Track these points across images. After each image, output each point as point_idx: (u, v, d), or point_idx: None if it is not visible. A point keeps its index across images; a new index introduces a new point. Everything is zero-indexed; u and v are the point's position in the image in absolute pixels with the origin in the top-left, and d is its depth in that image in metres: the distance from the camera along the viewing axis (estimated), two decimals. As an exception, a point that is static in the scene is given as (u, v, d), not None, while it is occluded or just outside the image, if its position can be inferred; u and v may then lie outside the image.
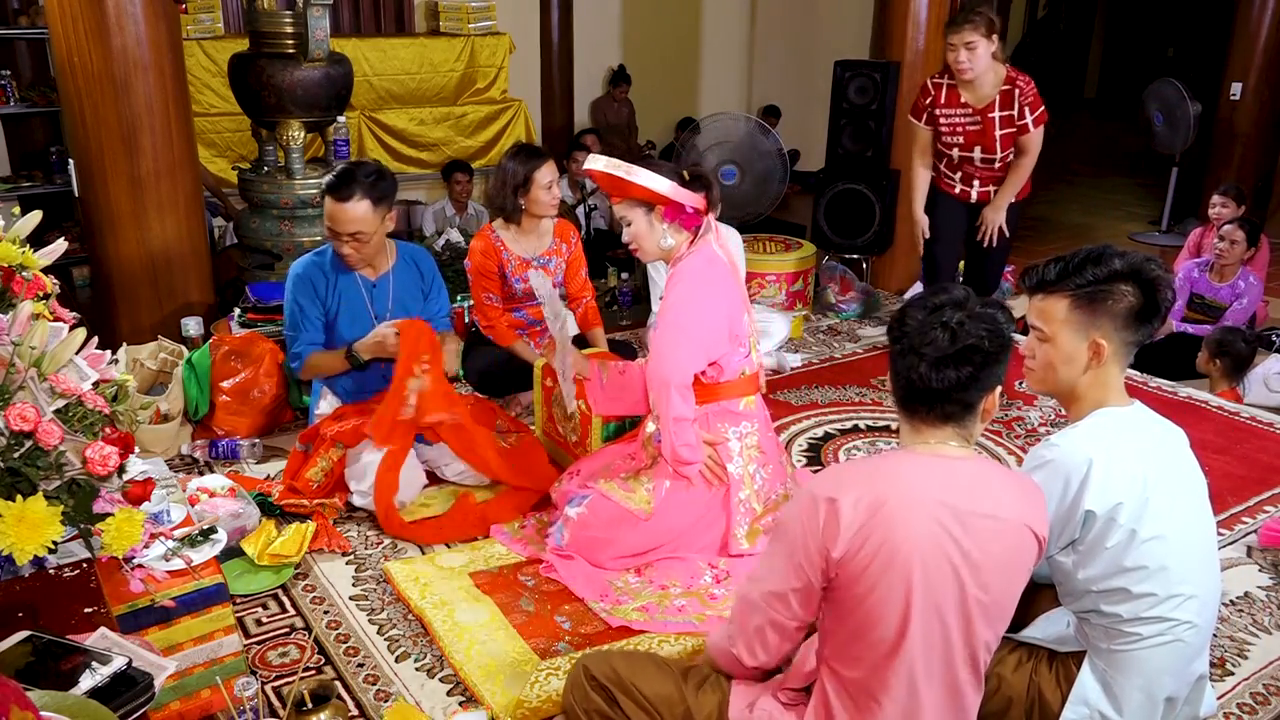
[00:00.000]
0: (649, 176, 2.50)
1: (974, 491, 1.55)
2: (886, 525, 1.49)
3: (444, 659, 2.23)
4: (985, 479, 1.59)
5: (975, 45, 3.56)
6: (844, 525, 1.50)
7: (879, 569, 1.50)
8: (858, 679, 1.56)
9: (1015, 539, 1.57)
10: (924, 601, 1.51)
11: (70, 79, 3.53)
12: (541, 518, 2.80)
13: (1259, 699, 2.21)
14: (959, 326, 1.53)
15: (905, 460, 1.60)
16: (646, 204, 2.56)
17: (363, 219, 2.82)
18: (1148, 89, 7.20)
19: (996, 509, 1.55)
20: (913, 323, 1.57)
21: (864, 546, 1.49)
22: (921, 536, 1.49)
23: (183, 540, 1.99)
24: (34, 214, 2.00)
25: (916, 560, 1.49)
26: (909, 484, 1.54)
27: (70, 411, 1.72)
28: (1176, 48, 12.30)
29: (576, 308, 3.64)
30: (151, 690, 1.47)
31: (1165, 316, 1.86)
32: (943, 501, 1.52)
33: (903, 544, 1.49)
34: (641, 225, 2.59)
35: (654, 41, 8.23)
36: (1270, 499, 3.12)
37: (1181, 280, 4.73)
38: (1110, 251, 1.83)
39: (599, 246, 5.84)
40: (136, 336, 3.67)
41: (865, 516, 1.50)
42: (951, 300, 1.57)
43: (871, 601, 1.51)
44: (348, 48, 5.54)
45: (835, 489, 1.53)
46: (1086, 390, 1.87)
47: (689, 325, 2.51)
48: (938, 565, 1.50)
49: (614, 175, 2.52)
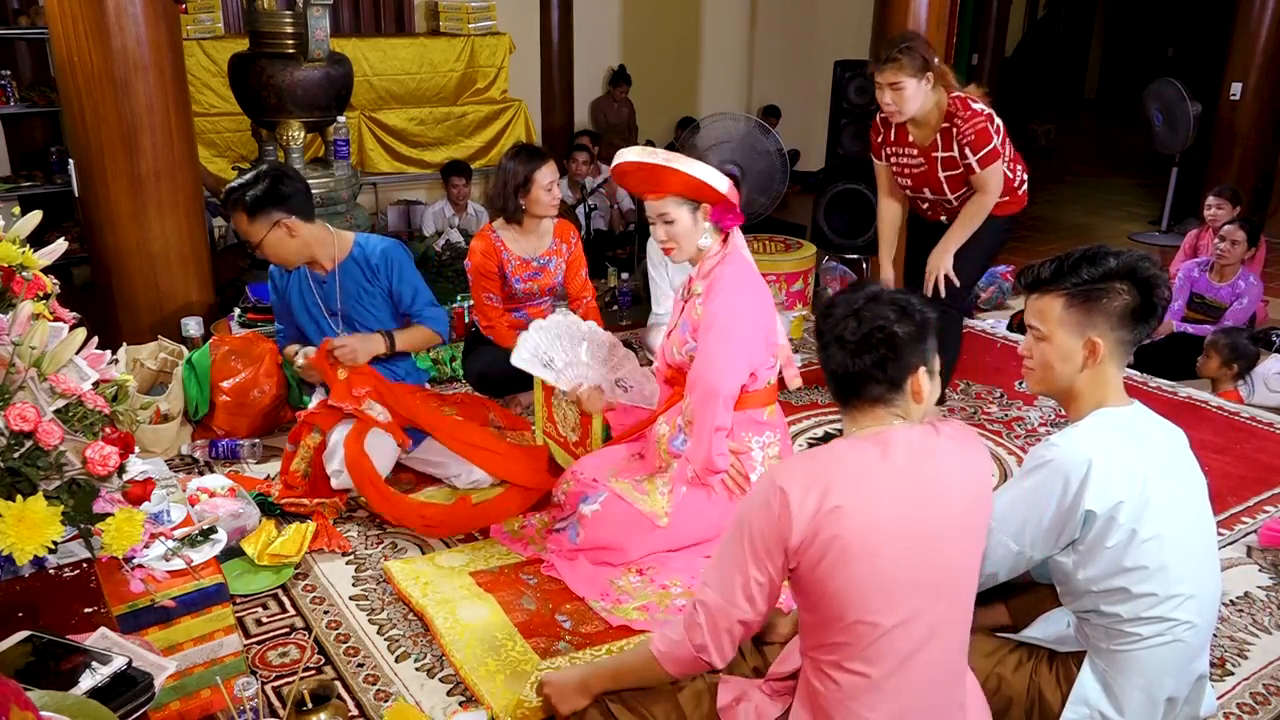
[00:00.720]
0: (706, 171, 2.40)
1: (919, 463, 1.58)
2: (836, 513, 1.51)
3: (444, 659, 2.23)
4: (928, 448, 1.60)
5: (902, 86, 3.18)
6: (795, 516, 1.52)
7: (836, 557, 1.51)
8: (840, 661, 1.57)
9: (966, 501, 1.60)
10: (888, 580, 1.52)
11: (70, 79, 3.53)
12: (542, 518, 2.80)
13: (1259, 699, 2.21)
14: (866, 311, 1.60)
15: (849, 446, 1.62)
16: (693, 201, 2.50)
17: (248, 230, 2.87)
18: (1148, 89, 7.19)
19: (942, 475, 1.58)
20: (831, 319, 1.65)
21: (818, 535, 1.52)
22: (872, 518, 1.52)
23: (183, 540, 1.99)
24: (34, 214, 2.00)
25: (871, 542, 1.51)
26: (855, 469, 1.56)
27: (70, 411, 1.72)
28: (1176, 48, 12.30)
29: (577, 308, 3.64)
30: (151, 690, 1.47)
31: (1162, 316, 1.87)
32: (889, 479, 1.55)
33: (855, 529, 1.51)
34: (686, 223, 2.51)
35: (654, 41, 8.23)
36: (1270, 499, 3.12)
37: (1182, 280, 4.73)
38: (1105, 251, 1.84)
39: (599, 246, 5.85)
40: (136, 336, 3.67)
41: (815, 506, 1.52)
42: (867, 294, 1.64)
43: (834, 588, 1.53)
44: (348, 48, 5.54)
45: (785, 480, 1.56)
46: (1085, 390, 1.87)
47: (740, 334, 2.47)
48: (893, 543, 1.52)
49: (665, 168, 2.39)
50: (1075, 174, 9.77)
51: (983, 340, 4.55)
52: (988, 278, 5.28)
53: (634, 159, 2.46)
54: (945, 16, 5.41)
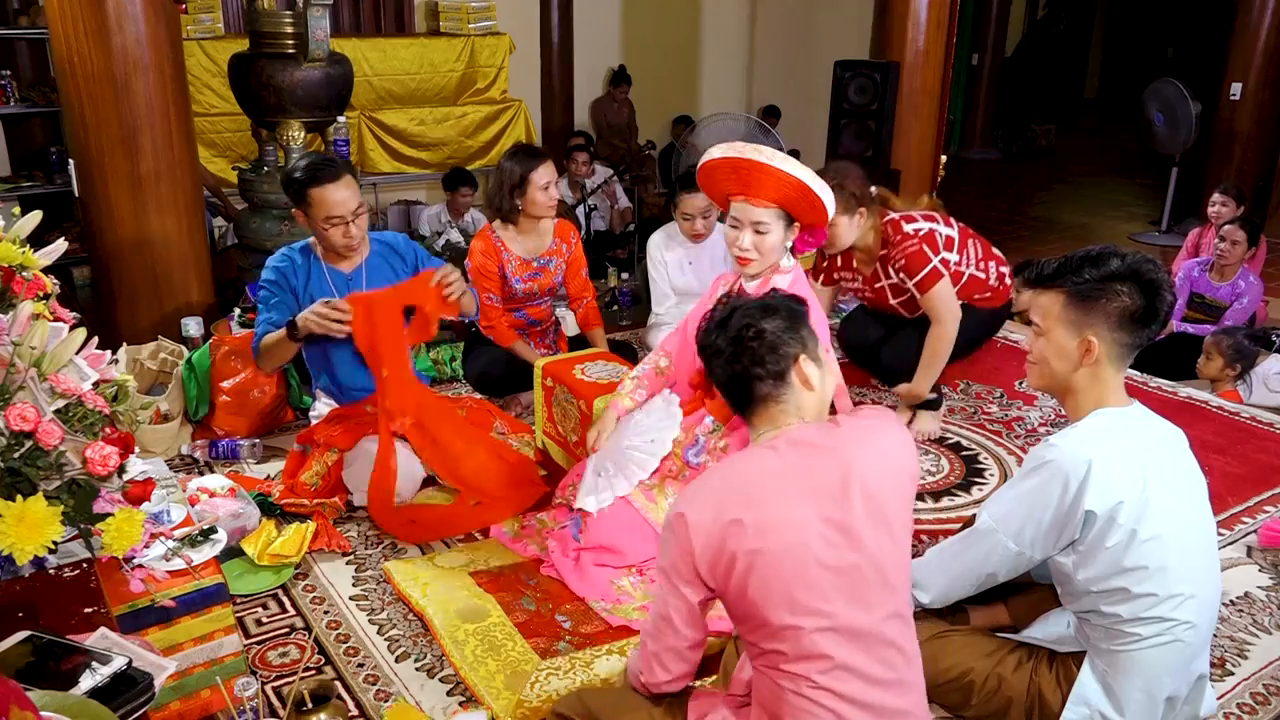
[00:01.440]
0: (824, 188, 2.27)
1: (815, 461, 1.57)
2: (736, 527, 1.51)
3: (444, 659, 2.23)
4: (826, 443, 1.59)
5: (834, 223, 2.99)
6: (694, 537, 1.53)
7: (744, 569, 1.51)
8: (778, 664, 1.55)
9: (876, 490, 1.57)
10: (802, 582, 1.50)
11: (70, 79, 3.53)
12: (542, 518, 2.80)
13: (1259, 699, 2.20)
14: (733, 319, 1.65)
15: (746, 457, 1.63)
16: (789, 216, 2.38)
17: (355, 194, 2.80)
18: (1148, 89, 7.19)
19: (844, 468, 1.55)
20: (706, 337, 1.69)
21: (722, 552, 1.52)
22: (773, 525, 1.51)
23: (183, 540, 1.99)
24: (34, 214, 2.00)
25: (776, 549, 1.50)
26: (750, 480, 1.56)
27: (70, 411, 1.72)
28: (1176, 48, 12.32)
29: (577, 308, 3.65)
30: (151, 690, 1.47)
31: (1165, 321, 1.86)
32: (784, 482, 1.55)
33: (757, 539, 1.50)
34: (777, 238, 2.37)
35: (654, 41, 8.23)
36: (1270, 499, 3.12)
37: (1182, 279, 4.73)
38: (1110, 252, 1.83)
39: (599, 246, 5.85)
40: (136, 336, 3.67)
41: (712, 524, 1.52)
42: (730, 305, 1.69)
43: (752, 599, 1.52)
44: (348, 48, 5.54)
45: (684, 504, 1.57)
46: (1083, 389, 1.87)
47: None
48: (799, 545, 1.50)
49: (781, 172, 2.24)
50: (1075, 174, 9.78)
51: (983, 340, 4.55)
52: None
53: (731, 156, 2.28)
54: (945, 16, 5.42)
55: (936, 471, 3.27)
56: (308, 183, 2.75)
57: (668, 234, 3.86)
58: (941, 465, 3.32)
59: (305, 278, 2.90)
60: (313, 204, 2.77)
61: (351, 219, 2.79)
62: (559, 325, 3.79)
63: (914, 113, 5.50)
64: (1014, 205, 8.35)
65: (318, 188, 2.74)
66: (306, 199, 2.77)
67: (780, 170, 2.27)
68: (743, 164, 2.30)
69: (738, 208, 2.40)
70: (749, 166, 2.29)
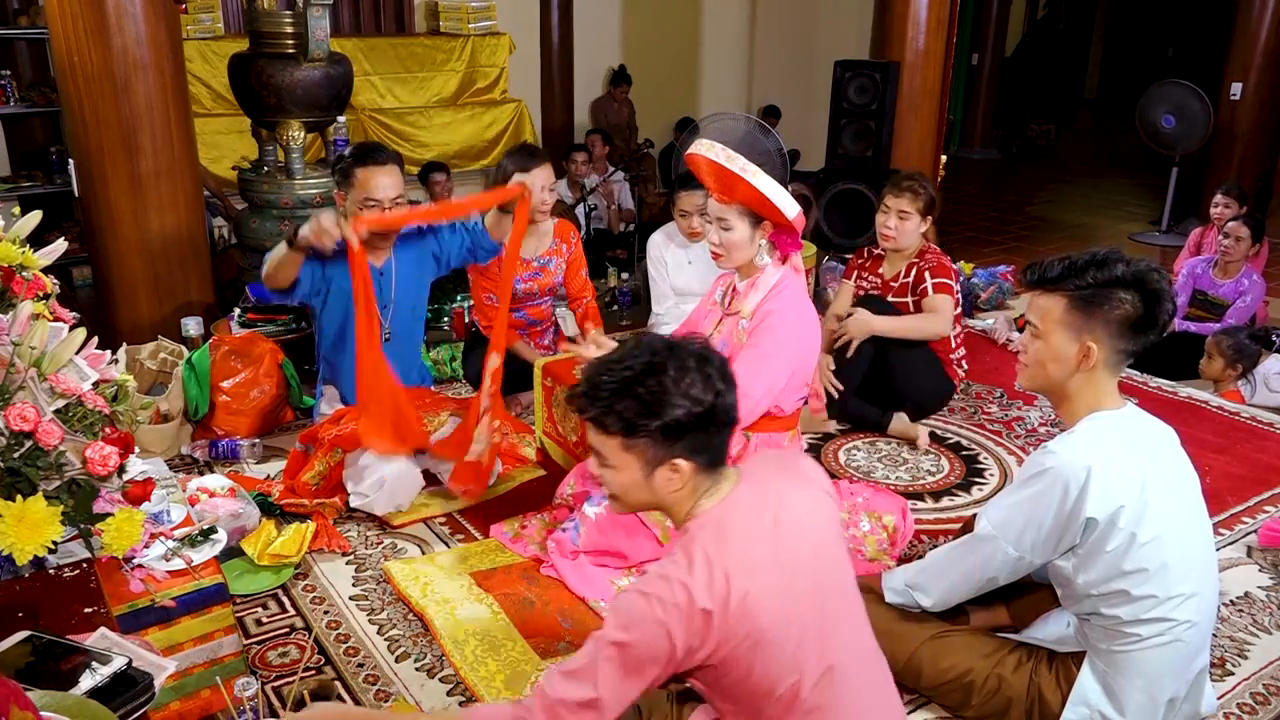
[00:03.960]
0: (778, 192, 2.34)
1: (762, 519, 1.49)
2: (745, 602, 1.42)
3: (444, 659, 2.23)
4: (768, 495, 1.53)
5: (908, 216, 3.40)
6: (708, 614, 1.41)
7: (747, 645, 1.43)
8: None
9: (821, 528, 1.54)
10: (802, 643, 1.45)
11: (70, 79, 3.53)
12: (542, 518, 2.80)
13: (1259, 699, 2.20)
14: (633, 377, 1.47)
15: (735, 523, 1.49)
16: (756, 216, 2.46)
17: (398, 184, 2.84)
18: (1151, 91, 7.15)
19: (795, 518, 1.50)
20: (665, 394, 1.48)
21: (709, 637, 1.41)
22: (750, 595, 1.41)
23: (183, 540, 1.99)
24: (34, 214, 2.01)
25: (764, 623, 1.42)
26: (722, 551, 1.44)
27: (70, 411, 1.72)
28: (1176, 48, 12.32)
29: (576, 308, 3.65)
30: (151, 690, 1.47)
31: (1163, 330, 1.85)
32: (769, 545, 1.47)
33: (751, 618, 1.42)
34: (742, 235, 2.46)
35: (654, 41, 8.23)
36: (1270, 499, 3.12)
37: (1185, 277, 4.73)
38: (1115, 257, 1.81)
39: (599, 246, 5.85)
40: (136, 336, 3.67)
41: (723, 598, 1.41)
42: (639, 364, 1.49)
43: (757, 674, 1.45)
44: (348, 48, 5.54)
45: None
46: (1076, 393, 1.87)
47: (773, 376, 2.44)
48: (782, 608, 1.44)
49: (738, 177, 2.32)
50: (1075, 174, 9.78)
51: (983, 340, 4.55)
52: (987, 277, 5.28)
53: (710, 158, 2.39)
54: (945, 16, 5.42)
55: (936, 471, 3.27)
56: (356, 162, 2.81)
57: (667, 234, 3.86)
58: (941, 465, 3.32)
59: (328, 266, 2.90)
60: (355, 184, 2.82)
61: (389, 206, 2.83)
62: (559, 325, 3.79)
63: (914, 113, 5.50)
64: (1014, 205, 8.34)
65: (364, 168, 2.81)
66: (351, 178, 2.82)
67: (735, 174, 2.36)
68: (707, 164, 2.41)
69: (709, 205, 2.54)
70: (712, 167, 2.40)
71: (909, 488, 3.14)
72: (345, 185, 2.85)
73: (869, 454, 3.40)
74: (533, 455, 3.19)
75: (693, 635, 1.40)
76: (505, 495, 2.98)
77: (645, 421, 1.44)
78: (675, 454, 1.47)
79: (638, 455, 1.48)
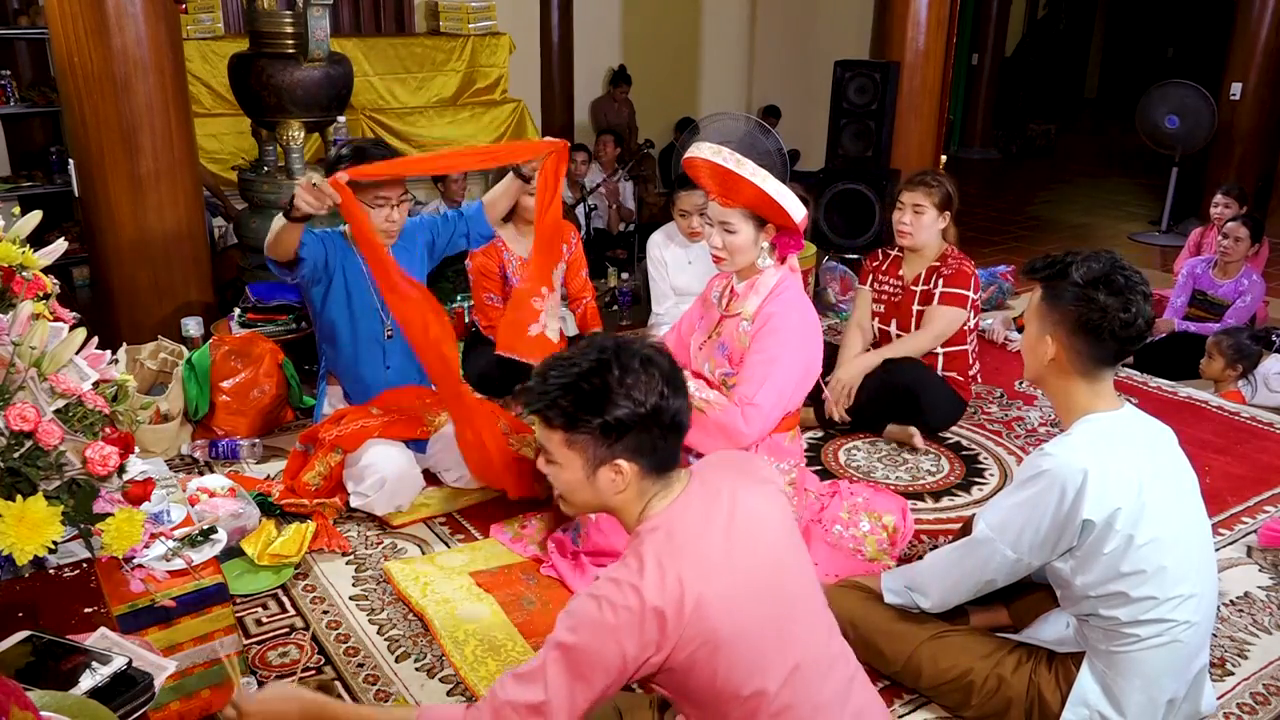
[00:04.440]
0: (786, 194, 2.31)
1: (714, 520, 1.48)
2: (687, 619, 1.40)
3: (444, 659, 2.23)
4: (720, 496, 1.52)
5: (923, 211, 3.33)
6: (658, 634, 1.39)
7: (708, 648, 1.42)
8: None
9: (775, 528, 1.54)
10: (761, 644, 1.45)
11: (70, 79, 3.53)
12: (542, 517, 2.80)
13: (1259, 699, 2.20)
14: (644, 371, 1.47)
15: (692, 522, 1.49)
16: (760, 219, 2.43)
17: (401, 180, 2.83)
18: (1152, 92, 7.14)
19: (749, 518, 1.50)
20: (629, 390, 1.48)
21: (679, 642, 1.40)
22: (704, 598, 1.40)
23: (183, 540, 1.99)
24: (34, 214, 2.00)
25: (720, 626, 1.41)
26: (695, 548, 1.45)
27: (70, 411, 1.72)
28: (1176, 48, 12.31)
29: (576, 308, 3.65)
30: (151, 690, 1.47)
31: (1127, 337, 1.79)
32: (703, 551, 1.45)
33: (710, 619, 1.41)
34: (747, 238, 2.43)
35: (654, 41, 8.23)
36: (1270, 499, 3.12)
37: (1185, 277, 4.73)
38: (1089, 256, 1.81)
39: (599, 246, 5.85)
40: (136, 336, 3.67)
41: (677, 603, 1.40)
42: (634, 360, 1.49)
43: (721, 678, 1.44)
44: (348, 48, 5.54)
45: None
46: (1061, 391, 1.88)
47: (786, 384, 2.43)
48: (738, 610, 1.43)
49: (743, 179, 2.29)
50: (1075, 174, 9.78)
51: (982, 340, 4.55)
52: (987, 277, 5.28)
53: (717, 162, 2.33)
54: (945, 16, 5.42)
55: (936, 471, 3.27)
56: (361, 159, 2.77)
57: (667, 234, 3.87)
58: (941, 465, 3.32)
59: (341, 255, 2.92)
60: (362, 181, 2.76)
61: (397, 202, 2.82)
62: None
63: (914, 112, 5.50)
64: (1014, 205, 8.34)
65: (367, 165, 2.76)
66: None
67: (743, 177, 2.32)
68: (717, 169, 2.36)
69: (711, 207, 2.49)
70: (723, 173, 2.36)
71: (909, 488, 3.14)
72: (348, 183, 2.80)
73: (869, 454, 3.40)
74: (533, 455, 3.19)
75: (646, 640, 1.38)
76: (505, 495, 2.98)
77: (587, 418, 1.44)
78: (617, 454, 1.46)
79: (579, 452, 1.48)
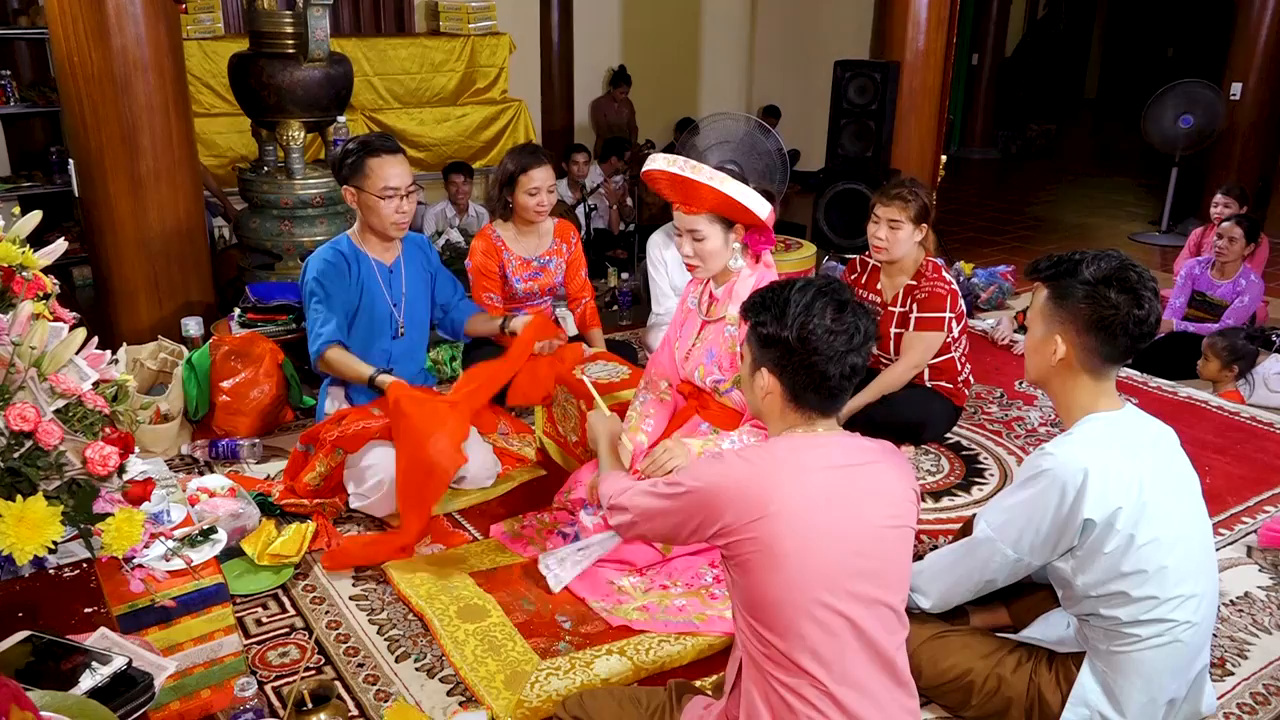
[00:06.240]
0: (747, 194, 2.30)
1: (833, 466, 1.61)
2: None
3: (444, 659, 2.23)
4: (855, 458, 1.65)
5: (899, 225, 3.20)
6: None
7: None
8: (783, 660, 1.53)
9: (892, 508, 1.62)
10: (814, 585, 1.53)
11: (70, 79, 3.53)
12: (542, 518, 2.80)
13: (1259, 699, 2.20)
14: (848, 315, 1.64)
15: (780, 445, 1.66)
16: (727, 221, 2.42)
17: (408, 173, 2.84)
18: (1157, 96, 7.11)
19: (873, 485, 1.61)
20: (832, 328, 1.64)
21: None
22: (784, 513, 1.53)
23: (183, 540, 1.99)
24: (34, 214, 2.00)
25: (782, 541, 1.53)
26: (777, 465, 1.61)
27: (70, 411, 1.72)
28: (1176, 48, 12.32)
29: (576, 308, 3.65)
30: (151, 690, 1.47)
31: (1139, 334, 1.79)
32: (808, 480, 1.57)
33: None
34: (717, 242, 2.42)
35: (654, 41, 8.24)
36: (1270, 499, 3.12)
37: (1184, 277, 4.73)
38: (1098, 255, 1.81)
39: (599, 246, 5.85)
40: (136, 336, 3.67)
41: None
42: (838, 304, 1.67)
43: (771, 585, 1.53)
44: (348, 48, 5.54)
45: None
46: (1064, 391, 1.88)
47: None
48: (806, 540, 1.53)
49: (703, 185, 2.27)
50: (1075, 174, 9.78)
51: (983, 340, 4.55)
52: (987, 277, 5.28)
53: (669, 170, 2.32)
54: (945, 16, 5.42)
55: (936, 471, 3.27)
56: (368, 153, 2.79)
57: (667, 234, 3.86)
58: (941, 465, 3.32)
59: (355, 266, 2.91)
60: (370, 174, 2.78)
61: (406, 193, 2.83)
62: (559, 325, 3.78)
63: (914, 113, 5.51)
64: (1014, 205, 8.34)
65: (376, 158, 2.78)
66: (363, 170, 2.79)
67: (701, 183, 2.31)
68: (675, 179, 2.35)
69: (677, 218, 2.47)
70: (681, 181, 2.34)
71: (909, 488, 3.14)
72: (357, 177, 2.79)
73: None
74: (532, 455, 3.19)
75: (721, 499, 1.56)
76: (505, 495, 2.98)
77: (759, 317, 1.65)
78: (763, 363, 1.66)
79: (748, 349, 1.70)
